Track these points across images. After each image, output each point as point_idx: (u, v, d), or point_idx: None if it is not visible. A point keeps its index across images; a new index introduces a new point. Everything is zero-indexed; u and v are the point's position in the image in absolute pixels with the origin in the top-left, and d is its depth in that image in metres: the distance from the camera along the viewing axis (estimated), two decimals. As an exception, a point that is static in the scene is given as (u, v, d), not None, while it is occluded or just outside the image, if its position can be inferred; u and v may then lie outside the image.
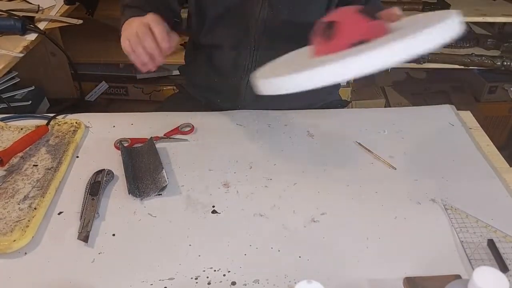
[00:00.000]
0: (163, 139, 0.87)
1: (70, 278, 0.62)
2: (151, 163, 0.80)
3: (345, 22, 0.63)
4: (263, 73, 0.75)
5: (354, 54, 0.56)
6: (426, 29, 0.56)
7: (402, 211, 0.72)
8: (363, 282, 0.61)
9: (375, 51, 0.55)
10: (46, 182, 0.75)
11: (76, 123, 0.90)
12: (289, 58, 0.79)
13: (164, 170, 0.77)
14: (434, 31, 0.56)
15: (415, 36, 0.55)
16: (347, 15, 0.64)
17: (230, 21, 0.93)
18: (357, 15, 0.63)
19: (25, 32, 1.21)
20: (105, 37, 1.86)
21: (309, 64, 0.61)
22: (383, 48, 0.55)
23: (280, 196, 0.75)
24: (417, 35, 0.55)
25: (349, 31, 0.62)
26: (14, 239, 0.64)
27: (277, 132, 0.91)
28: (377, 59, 0.55)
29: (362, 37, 0.62)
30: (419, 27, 0.58)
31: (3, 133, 0.88)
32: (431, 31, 0.56)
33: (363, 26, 0.62)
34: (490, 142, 0.88)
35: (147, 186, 0.76)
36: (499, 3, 1.79)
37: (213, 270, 0.63)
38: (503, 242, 0.67)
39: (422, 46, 0.56)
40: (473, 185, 0.78)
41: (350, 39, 0.62)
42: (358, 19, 0.63)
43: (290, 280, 0.61)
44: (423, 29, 0.56)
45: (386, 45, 0.55)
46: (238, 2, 0.90)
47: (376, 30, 0.63)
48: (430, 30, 0.56)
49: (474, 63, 1.77)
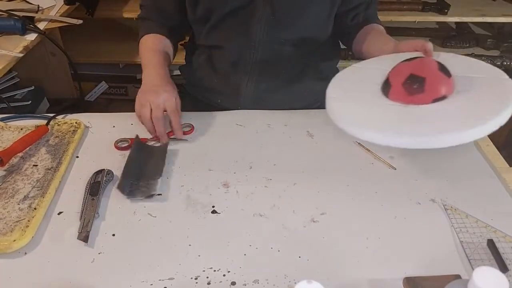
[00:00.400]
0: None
1: (70, 278, 0.62)
2: (155, 166, 0.79)
3: (432, 79, 0.70)
4: (338, 102, 0.76)
5: (445, 132, 0.63)
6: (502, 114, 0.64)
7: (402, 211, 0.72)
8: (363, 282, 0.61)
9: (463, 133, 0.63)
10: (46, 182, 0.75)
11: (76, 123, 0.90)
12: (359, 90, 0.79)
13: (160, 179, 0.76)
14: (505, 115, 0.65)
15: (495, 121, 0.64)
16: (432, 72, 0.71)
17: (232, 23, 0.93)
18: (440, 73, 0.71)
19: (25, 32, 1.21)
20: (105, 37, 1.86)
21: (406, 128, 0.67)
22: (471, 130, 0.63)
23: (280, 196, 0.75)
24: (495, 120, 0.64)
25: (435, 88, 0.70)
26: (14, 239, 0.64)
27: (277, 132, 0.91)
28: (463, 139, 0.63)
29: (445, 94, 0.70)
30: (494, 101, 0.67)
31: (3, 133, 0.88)
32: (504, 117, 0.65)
33: (445, 83, 0.71)
34: (490, 142, 0.89)
35: (138, 188, 0.75)
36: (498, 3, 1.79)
37: (213, 270, 0.63)
38: (502, 242, 0.67)
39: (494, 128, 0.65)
40: (473, 185, 0.78)
41: (434, 95, 0.70)
42: (441, 77, 0.71)
43: (290, 280, 0.61)
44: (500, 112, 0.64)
45: (476, 127, 0.63)
46: (241, 5, 0.90)
47: (452, 86, 0.71)
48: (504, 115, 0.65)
49: (474, 63, 1.76)
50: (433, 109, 0.69)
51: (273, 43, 0.95)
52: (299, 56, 0.99)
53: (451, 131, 0.63)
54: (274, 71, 0.99)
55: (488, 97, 0.68)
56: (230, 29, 0.94)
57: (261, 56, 0.96)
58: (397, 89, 0.72)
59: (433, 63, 0.73)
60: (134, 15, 1.63)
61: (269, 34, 0.93)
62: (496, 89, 0.70)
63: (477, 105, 0.68)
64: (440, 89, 0.70)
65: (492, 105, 0.66)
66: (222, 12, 0.91)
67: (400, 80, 0.72)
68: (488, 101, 0.67)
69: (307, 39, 0.96)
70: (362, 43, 0.96)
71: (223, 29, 0.94)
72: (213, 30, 0.95)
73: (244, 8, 0.90)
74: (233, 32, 0.94)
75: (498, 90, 0.69)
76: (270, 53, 0.96)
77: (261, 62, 0.97)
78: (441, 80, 0.71)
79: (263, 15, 0.90)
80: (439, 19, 1.72)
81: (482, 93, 0.70)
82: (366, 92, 0.76)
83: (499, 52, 1.85)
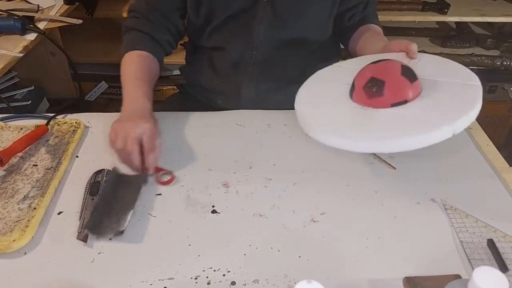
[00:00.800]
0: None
1: (70, 278, 0.62)
2: (129, 199, 0.72)
3: (391, 83, 0.70)
4: (303, 104, 0.78)
5: (407, 135, 0.64)
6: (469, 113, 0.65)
7: (402, 211, 0.72)
8: (362, 282, 0.61)
9: (427, 135, 0.63)
10: (45, 182, 0.75)
11: (75, 123, 0.90)
12: (327, 91, 0.80)
13: (131, 212, 0.69)
14: (473, 114, 0.65)
15: (463, 119, 0.64)
16: (392, 76, 0.71)
17: (234, 25, 0.93)
18: (401, 77, 0.70)
19: (25, 32, 1.20)
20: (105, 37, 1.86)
21: (364, 131, 0.68)
22: (432, 131, 0.63)
23: (280, 196, 0.75)
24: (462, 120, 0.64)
25: (394, 92, 0.70)
26: (14, 239, 0.64)
27: (277, 132, 0.91)
28: (425, 141, 0.64)
29: (405, 99, 0.70)
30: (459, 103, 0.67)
31: (3, 133, 0.88)
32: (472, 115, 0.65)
33: (405, 88, 0.70)
34: (490, 142, 0.89)
35: (109, 225, 0.68)
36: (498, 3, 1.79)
37: (212, 270, 0.63)
38: (502, 242, 0.67)
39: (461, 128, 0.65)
40: (473, 185, 0.78)
41: (393, 100, 0.70)
42: (402, 82, 0.70)
43: (290, 280, 0.61)
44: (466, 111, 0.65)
45: (435, 129, 0.63)
46: (243, 7, 0.90)
47: (415, 91, 0.71)
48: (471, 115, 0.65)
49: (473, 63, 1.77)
50: (390, 113, 0.69)
51: (274, 44, 0.95)
52: (300, 56, 0.99)
53: (397, 137, 0.64)
54: (275, 72, 0.99)
55: (449, 104, 0.68)
56: (232, 31, 0.94)
57: (262, 57, 0.96)
58: (359, 91, 0.73)
59: (397, 66, 0.72)
60: (134, 15, 1.62)
61: (270, 35, 0.93)
62: (460, 96, 0.69)
63: (434, 112, 0.67)
64: (399, 94, 0.70)
65: (449, 113, 0.66)
66: (224, 15, 0.91)
67: (362, 82, 0.72)
68: (447, 109, 0.67)
69: (308, 39, 0.96)
70: (356, 43, 0.96)
71: (225, 31, 0.94)
72: (215, 32, 0.95)
73: (246, 10, 0.90)
74: (235, 34, 0.94)
75: (462, 97, 0.69)
76: (271, 54, 0.96)
77: (261, 63, 0.97)
78: (401, 84, 0.70)
79: (264, 17, 0.90)
80: (439, 19, 1.72)
81: (445, 100, 0.69)
82: (335, 93, 0.77)
83: (499, 52, 1.85)
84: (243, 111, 0.97)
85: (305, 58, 1.00)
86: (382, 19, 1.03)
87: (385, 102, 0.70)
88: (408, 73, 0.71)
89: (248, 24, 0.92)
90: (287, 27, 0.93)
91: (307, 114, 0.74)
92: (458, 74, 0.74)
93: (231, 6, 0.90)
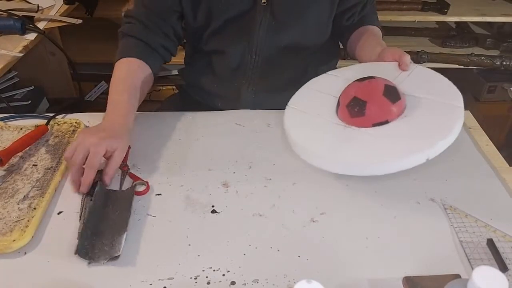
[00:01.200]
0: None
1: (70, 278, 0.62)
2: (119, 219, 0.69)
3: (372, 103, 0.72)
4: (293, 115, 0.81)
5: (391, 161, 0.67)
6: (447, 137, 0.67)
7: (401, 211, 0.72)
8: (362, 281, 0.61)
9: (406, 160, 0.66)
10: (45, 182, 0.75)
11: (75, 123, 0.90)
12: (316, 104, 0.82)
13: (125, 234, 0.65)
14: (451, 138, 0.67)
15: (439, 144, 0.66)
16: (374, 97, 0.73)
17: (233, 29, 0.93)
18: (383, 98, 0.72)
19: (25, 32, 1.20)
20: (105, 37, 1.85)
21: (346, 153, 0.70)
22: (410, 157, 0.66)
23: (280, 196, 0.75)
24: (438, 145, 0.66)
25: (375, 113, 0.72)
26: (14, 239, 0.64)
27: (276, 132, 0.91)
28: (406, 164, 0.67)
29: (385, 119, 0.72)
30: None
31: (3, 133, 0.88)
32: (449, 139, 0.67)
33: (387, 109, 0.72)
34: (490, 142, 0.89)
35: (102, 248, 0.64)
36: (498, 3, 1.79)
37: (212, 270, 0.63)
38: (502, 241, 0.67)
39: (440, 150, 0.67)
40: (473, 184, 0.78)
41: (374, 120, 0.72)
42: (384, 102, 0.72)
43: (289, 280, 0.61)
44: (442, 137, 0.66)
45: (412, 155, 0.66)
46: (241, 11, 0.90)
47: (396, 111, 0.73)
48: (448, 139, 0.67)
49: (473, 63, 1.77)
50: (370, 134, 0.71)
51: (274, 47, 0.94)
52: (300, 59, 0.99)
53: (366, 164, 0.67)
54: (275, 75, 0.99)
55: (428, 127, 0.69)
56: (230, 35, 0.93)
57: (262, 60, 0.96)
58: (342, 109, 0.75)
59: (380, 87, 0.73)
60: (133, 15, 1.62)
61: (269, 38, 0.93)
62: (441, 119, 0.70)
63: (412, 136, 0.69)
64: (380, 115, 0.72)
65: (426, 138, 0.67)
66: (222, 19, 0.91)
67: (346, 101, 0.75)
68: (425, 133, 0.68)
69: (307, 42, 0.96)
70: (355, 45, 0.96)
71: (224, 35, 0.94)
72: (213, 36, 0.95)
73: (245, 14, 0.90)
74: (233, 38, 0.94)
75: (443, 121, 0.69)
76: (270, 57, 0.96)
77: (261, 66, 0.97)
78: (383, 105, 0.72)
79: (264, 21, 0.90)
80: (439, 18, 1.72)
81: (424, 122, 0.70)
82: (323, 106, 0.79)
83: (498, 52, 1.85)
84: (243, 111, 0.97)
85: (304, 60, 1.00)
86: (381, 19, 1.03)
87: (366, 122, 0.72)
88: (390, 93, 0.73)
89: (247, 28, 0.92)
90: (286, 30, 0.93)
91: (292, 130, 0.78)
92: (444, 92, 0.75)
93: (229, 9, 0.90)
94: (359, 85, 0.76)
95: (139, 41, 0.91)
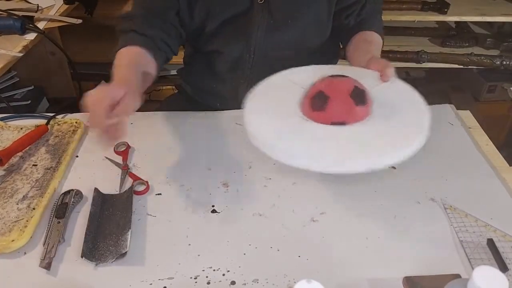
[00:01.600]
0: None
1: (70, 278, 0.62)
2: (121, 219, 0.69)
3: (335, 101, 0.68)
4: (252, 102, 0.75)
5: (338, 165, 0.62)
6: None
7: (401, 211, 0.72)
8: (362, 281, 0.61)
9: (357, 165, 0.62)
10: (45, 182, 0.75)
11: (76, 123, 0.90)
12: (278, 97, 0.77)
13: (130, 232, 0.66)
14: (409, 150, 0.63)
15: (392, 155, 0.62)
16: (340, 94, 0.69)
17: (230, 29, 0.92)
18: (348, 98, 0.67)
19: (25, 32, 1.20)
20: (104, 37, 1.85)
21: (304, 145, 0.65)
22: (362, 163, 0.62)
23: (280, 195, 0.75)
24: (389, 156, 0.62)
25: (336, 111, 0.68)
26: (13, 239, 0.64)
27: (276, 131, 0.91)
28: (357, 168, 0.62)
29: (344, 120, 0.67)
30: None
31: (3, 132, 0.87)
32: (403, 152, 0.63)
33: (348, 110, 0.67)
34: (490, 142, 0.89)
35: (107, 248, 0.65)
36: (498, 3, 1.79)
37: (212, 269, 0.63)
38: (502, 241, 0.67)
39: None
40: (473, 184, 0.78)
41: (333, 118, 0.67)
42: (347, 102, 0.67)
43: (289, 280, 0.61)
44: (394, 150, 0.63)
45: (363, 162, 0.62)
46: (239, 11, 0.90)
47: (359, 115, 0.68)
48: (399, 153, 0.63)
49: (473, 63, 1.77)
50: (325, 131, 0.67)
51: (272, 47, 0.94)
52: (299, 59, 0.98)
53: (311, 160, 0.63)
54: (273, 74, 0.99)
55: (382, 139, 0.66)
56: (228, 35, 0.93)
57: (260, 60, 0.96)
58: (305, 101, 0.72)
59: (350, 87, 0.69)
60: (133, 15, 1.62)
61: (267, 38, 0.92)
62: (398, 136, 0.66)
63: (365, 142, 0.65)
64: (339, 114, 0.68)
65: (378, 147, 0.64)
66: (219, 19, 0.91)
67: (312, 93, 0.71)
68: (377, 143, 0.65)
69: (306, 41, 0.96)
70: (349, 50, 0.96)
71: (221, 35, 0.93)
72: (211, 36, 0.94)
73: (242, 14, 0.90)
74: (231, 38, 0.94)
75: (398, 139, 0.66)
76: (269, 57, 0.96)
77: (260, 66, 0.96)
78: (345, 105, 0.68)
79: (262, 20, 0.90)
80: (439, 18, 1.72)
81: (380, 133, 0.67)
82: (290, 97, 0.75)
83: (498, 52, 1.85)
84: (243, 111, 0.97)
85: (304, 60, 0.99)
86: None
87: (326, 118, 0.68)
88: (358, 95, 0.68)
89: (245, 28, 0.91)
90: (284, 29, 0.92)
91: (250, 115, 0.72)
92: (415, 110, 0.72)
93: (226, 9, 0.89)
94: (330, 80, 0.72)
95: (141, 35, 0.87)
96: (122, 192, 0.75)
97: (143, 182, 0.77)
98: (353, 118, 0.68)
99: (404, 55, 1.77)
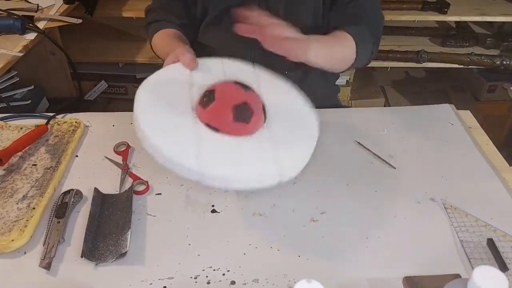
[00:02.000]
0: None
1: (70, 278, 0.62)
2: (121, 219, 0.69)
3: (217, 105, 0.66)
4: (146, 96, 0.71)
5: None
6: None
7: (401, 211, 0.72)
8: (362, 281, 0.61)
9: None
10: (45, 182, 0.75)
11: (75, 123, 0.90)
12: (174, 97, 0.72)
13: (130, 231, 0.66)
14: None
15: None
16: (224, 102, 0.66)
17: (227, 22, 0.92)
18: (228, 109, 0.65)
19: (25, 32, 1.20)
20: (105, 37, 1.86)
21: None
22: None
23: (280, 195, 0.75)
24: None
25: (214, 115, 0.66)
26: (12, 239, 0.64)
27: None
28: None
29: (217, 127, 0.65)
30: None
31: (3, 132, 0.87)
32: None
33: (223, 120, 0.66)
34: (490, 142, 0.89)
35: (107, 248, 0.65)
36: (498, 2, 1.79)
37: (212, 269, 0.63)
38: (502, 241, 0.67)
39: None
40: (473, 184, 0.78)
41: (209, 120, 0.66)
42: (226, 113, 0.65)
43: (289, 280, 0.61)
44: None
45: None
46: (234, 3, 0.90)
47: (233, 129, 0.66)
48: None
49: (473, 63, 1.76)
50: (197, 128, 0.65)
51: None
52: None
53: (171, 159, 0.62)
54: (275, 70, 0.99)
55: (253, 152, 0.65)
56: (226, 28, 0.93)
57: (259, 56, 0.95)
58: (197, 107, 0.69)
59: (238, 100, 0.66)
60: (133, 15, 1.62)
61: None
62: (275, 152, 0.66)
63: (244, 154, 0.64)
64: (215, 119, 0.65)
65: (250, 163, 0.63)
66: (216, 11, 0.92)
67: (208, 88, 0.69)
68: (252, 154, 0.64)
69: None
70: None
71: (220, 28, 0.94)
72: (210, 29, 0.95)
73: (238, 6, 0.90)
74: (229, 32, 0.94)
75: (267, 149, 0.65)
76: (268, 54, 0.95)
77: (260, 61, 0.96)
78: (223, 114, 0.65)
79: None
80: (439, 18, 1.72)
81: (250, 152, 0.65)
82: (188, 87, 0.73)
83: (498, 51, 1.85)
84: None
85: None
86: (381, 19, 1.02)
87: (204, 117, 0.66)
88: (241, 111, 0.66)
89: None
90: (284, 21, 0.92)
91: (140, 106, 0.69)
92: (298, 119, 0.73)
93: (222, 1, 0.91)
94: (229, 85, 0.70)
95: (168, 22, 0.95)
96: (122, 192, 0.75)
97: (143, 182, 0.77)
98: (227, 129, 0.65)
99: (404, 55, 1.77)
